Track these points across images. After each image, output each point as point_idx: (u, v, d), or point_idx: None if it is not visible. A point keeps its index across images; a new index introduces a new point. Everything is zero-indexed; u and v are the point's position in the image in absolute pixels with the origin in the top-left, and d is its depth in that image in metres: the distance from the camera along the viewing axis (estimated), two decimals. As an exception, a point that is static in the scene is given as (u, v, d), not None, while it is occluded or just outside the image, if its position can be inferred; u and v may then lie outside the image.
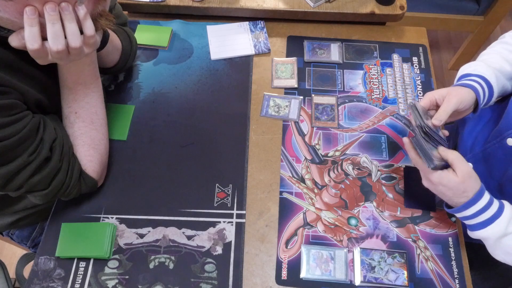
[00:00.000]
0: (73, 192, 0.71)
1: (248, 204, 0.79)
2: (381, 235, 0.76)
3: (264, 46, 0.98)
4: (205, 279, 0.71)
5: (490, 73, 0.74)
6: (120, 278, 0.72)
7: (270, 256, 0.74)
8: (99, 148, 0.74)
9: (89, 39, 0.60)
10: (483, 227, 0.65)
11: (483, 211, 0.65)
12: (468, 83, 0.74)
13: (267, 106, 0.90)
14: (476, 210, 0.65)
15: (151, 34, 0.98)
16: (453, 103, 0.70)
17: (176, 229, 0.76)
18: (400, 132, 0.87)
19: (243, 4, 0.99)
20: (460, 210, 0.67)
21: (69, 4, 0.54)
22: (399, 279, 0.72)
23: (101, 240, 0.73)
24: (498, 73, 0.75)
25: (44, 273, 0.72)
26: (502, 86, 0.76)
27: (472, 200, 0.65)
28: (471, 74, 0.75)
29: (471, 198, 0.65)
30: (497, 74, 0.75)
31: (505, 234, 0.64)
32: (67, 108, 0.71)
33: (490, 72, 0.74)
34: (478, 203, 0.65)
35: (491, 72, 0.74)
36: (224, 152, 0.84)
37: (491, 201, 0.65)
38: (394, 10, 1.00)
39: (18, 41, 0.56)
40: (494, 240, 0.65)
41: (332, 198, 0.79)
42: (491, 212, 0.65)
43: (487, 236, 0.65)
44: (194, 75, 0.94)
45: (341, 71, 0.95)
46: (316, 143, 0.85)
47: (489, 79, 0.74)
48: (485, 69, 0.75)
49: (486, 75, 0.74)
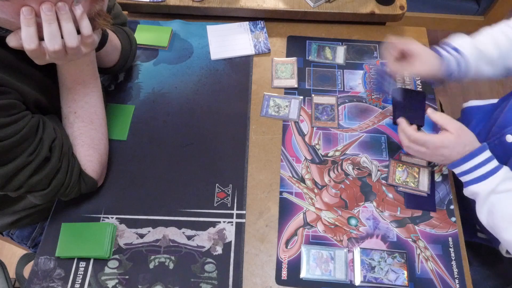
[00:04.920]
0: (72, 192, 0.71)
1: (248, 204, 0.79)
2: (381, 235, 0.76)
3: (264, 46, 0.98)
4: (205, 279, 0.71)
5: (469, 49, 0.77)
6: (120, 278, 0.72)
7: (270, 256, 0.74)
8: (99, 148, 0.74)
9: (86, 39, 0.60)
10: (477, 181, 0.68)
11: (481, 165, 0.68)
12: (444, 53, 0.76)
13: (267, 106, 0.90)
14: (475, 164, 0.68)
15: (151, 34, 0.98)
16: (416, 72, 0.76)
17: (176, 229, 0.76)
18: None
19: (243, 4, 0.99)
20: (460, 163, 0.69)
21: (65, 3, 0.54)
22: (399, 279, 0.71)
23: (101, 240, 0.73)
24: (476, 51, 0.77)
25: (44, 273, 0.72)
26: (476, 67, 0.77)
27: (473, 153, 0.68)
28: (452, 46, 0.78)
29: (472, 151, 0.68)
30: (475, 52, 0.77)
31: (494, 191, 0.66)
32: (67, 108, 0.71)
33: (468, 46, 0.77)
34: (478, 156, 0.68)
35: (469, 48, 0.77)
36: (224, 152, 0.84)
37: (490, 158, 0.69)
38: (394, 10, 1.00)
39: (16, 41, 0.56)
40: (484, 196, 0.67)
41: (332, 198, 0.79)
42: (487, 168, 0.68)
43: (478, 191, 0.68)
44: (194, 75, 0.94)
45: (341, 71, 0.95)
46: (316, 143, 0.85)
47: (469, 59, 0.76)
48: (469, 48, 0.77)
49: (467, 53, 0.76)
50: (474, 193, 0.70)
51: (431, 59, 0.76)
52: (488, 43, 0.77)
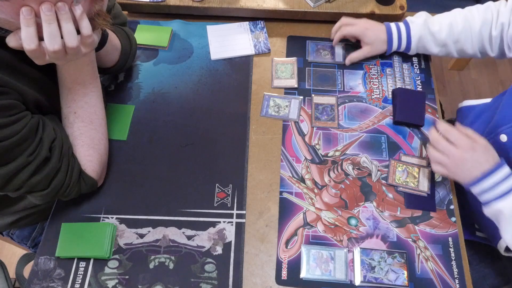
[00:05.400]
0: (72, 192, 0.71)
1: (248, 204, 0.79)
2: (381, 235, 0.76)
3: (264, 46, 0.98)
4: (205, 279, 0.71)
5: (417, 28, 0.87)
6: (120, 278, 0.72)
7: (270, 256, 0.74)
8: (99, 148, 0.74)
9: (86, 39, 0.60)
10: (501, 196, 0.65)
11: (503, 181, 0.65)
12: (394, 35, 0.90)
13: (267, 106, 0.90)
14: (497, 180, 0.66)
15: (151, 34, 0.98)
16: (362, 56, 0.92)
17: (176, 229, 0.76)
18: (400, 132, 0.87)
19: (243, 4, 0.99)
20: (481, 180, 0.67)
21: (65, 3, 0.54)
22: (399, 279, 0.71)
23: (101, 240, 0.73)
24: (426, 33, 0.87)
25: (44, 273, 0.72)
26: (424, 46, 0.89)
27: (493, 169, 0.66)
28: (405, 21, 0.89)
29: (493, 166, 0.66)
30: (425, 33, 0.87)
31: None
32: (66, 108, 0.71)
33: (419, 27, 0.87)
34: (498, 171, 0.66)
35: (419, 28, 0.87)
36: (224, 152, 0.84)
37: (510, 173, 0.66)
38: (394, 10, 1.00)
39: (16, 41, 0.56)
40: (509, 213, 0.64)
41: (332, 198, 0.79)
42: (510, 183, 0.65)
43: (503, 209, 0.65)
44: (194, 75, 0.94)
45: (341, 71, 0.95)
46: (316, 143, 0.85)
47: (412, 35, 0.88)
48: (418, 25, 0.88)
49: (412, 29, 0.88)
50: (499, 211, 0.66)
51: (379, 46, 0.91)
52: (442, 24, 0.85)
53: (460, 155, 0.68)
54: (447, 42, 0.85)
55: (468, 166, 0.68)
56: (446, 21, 0.85)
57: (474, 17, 0.83)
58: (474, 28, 0.83)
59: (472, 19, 0.83)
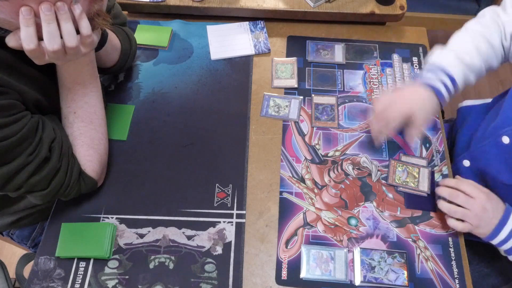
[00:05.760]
0: (72, 192, 0.71)
1: (248, 204, 0.79)
2: (381, 235, 0.76)
3: (264, 46, 0.98)
4: (205, 279, 0.71)
5: (459, 72, 0.74)
6: (120, 278, 0.72)
7: (270, 256, 0.74)
8: (99, 148, 0.74)
9: (85, 39, 0.60)
10: None
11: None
12: (433, 84, 0.74)
13: (267, 106, 0.90)
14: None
15: (151, 34, 0.98)
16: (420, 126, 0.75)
17: (176, 229, 0.76)
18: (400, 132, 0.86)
19: (243, 4, 0.99)
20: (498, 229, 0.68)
21: (64, 3, 0.54)
22: (399, 279, 0.71)
23: (101, 240, 0.73)
24: (466, 71, 0.75)
25: (44, 273, 0.72)
26: (464, 81, 0.76)
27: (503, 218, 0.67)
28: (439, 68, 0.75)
29: (502, 215, 0.67)
30: (465, 71, 0.75)
31: None
32: (66, 108, 0.71)
33: (459, 70, 0.74)
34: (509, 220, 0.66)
35: (460, 71, 0.74)
36: (224, 152, 0.84)
37: None
38: (394, 10, 0.99)
39: (15, 41, 0.56)
40: None
41: (332, 198, 0.79)
42: None
43: None
44: (194, 75, 0.94)
45: (341, 71, 0.95)
46: (316, 143, 0.85)
47: (457, 79, 0.74)
48: (455, 66, 0.75)
49: (454, 74, 0.74)
50: None
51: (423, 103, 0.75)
52: (472, 54, 0.76)
53: (481, 206, 0.68)
54: (482, 66, 0.79)
55: (489, 216, 0.68)
56: (470, 46, 0.78)
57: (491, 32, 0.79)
58: (494, 43, 0.79)
59: (490, 36, 0.78)
